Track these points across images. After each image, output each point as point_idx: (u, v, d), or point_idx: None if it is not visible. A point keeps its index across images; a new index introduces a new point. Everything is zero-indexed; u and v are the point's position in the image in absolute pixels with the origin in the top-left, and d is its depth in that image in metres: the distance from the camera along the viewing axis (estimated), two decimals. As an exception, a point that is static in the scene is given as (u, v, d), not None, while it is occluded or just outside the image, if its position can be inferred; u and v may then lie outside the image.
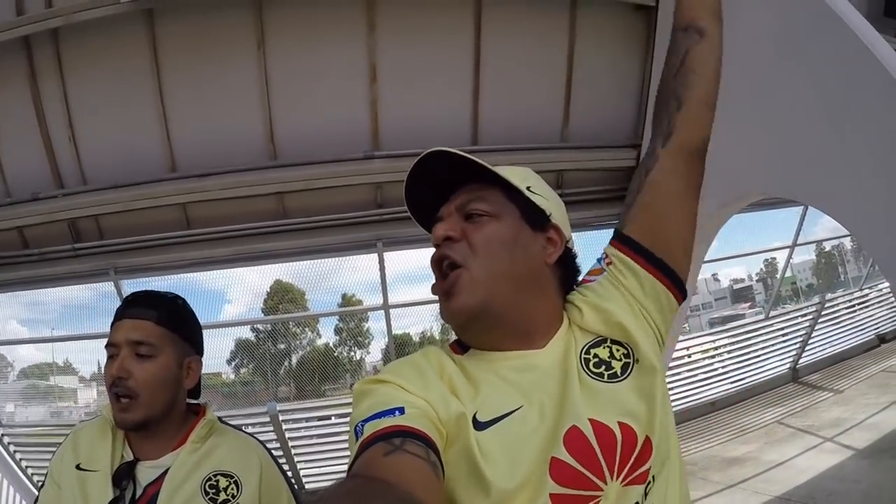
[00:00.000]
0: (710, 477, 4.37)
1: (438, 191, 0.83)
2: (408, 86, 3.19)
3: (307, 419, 4.11)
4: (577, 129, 3.38)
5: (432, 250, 0.81)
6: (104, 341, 1.11)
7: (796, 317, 6.46)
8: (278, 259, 3.50)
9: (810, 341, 6.44)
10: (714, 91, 0.89)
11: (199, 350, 1.21)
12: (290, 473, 1.23)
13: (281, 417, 3.92)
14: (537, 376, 0.72)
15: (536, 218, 0.80)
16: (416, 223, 0.88)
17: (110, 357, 1.08)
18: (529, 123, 3.31)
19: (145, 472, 1.07)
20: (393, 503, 0.42)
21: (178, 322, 1.15)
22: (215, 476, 1.09)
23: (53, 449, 1.11)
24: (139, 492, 1.04)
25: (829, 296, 6.74)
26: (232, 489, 1.08)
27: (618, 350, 0.75)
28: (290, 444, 4.12)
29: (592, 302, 0.79)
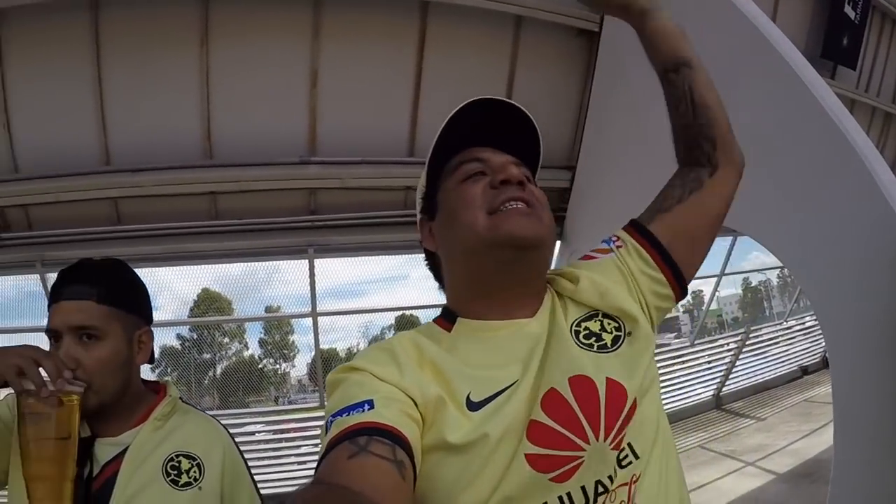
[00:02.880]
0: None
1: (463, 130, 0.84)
2: (348, 94, 3.19)
3: (231, 426, 4.09)
4: (515, 147, 3.44)
5: (362, 260, 0.86)
6: (26, 337, 1.05)
7: (721, 345, 6.65)
8: (209, 260, 3.48)
9: (734, 370, 6.67)
10: (725, 112, 0.94)
11: (147, 318, 1.12)
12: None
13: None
14: (529, 345, 0.72)
15: None
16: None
17: (54, 342, 1.00)
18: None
19: (103, 450, 1.01)
20: None
21: (121, 295, 1.05)
22: (177, 457, 1.03)
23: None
24: (96, 469, 0.99)
25: (753, 327, 6.94)
26: (194, 472, 1.03)
27: (609, 324, 0.77)
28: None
29: (589, 276, 0.82)
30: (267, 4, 3.04)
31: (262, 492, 1.16)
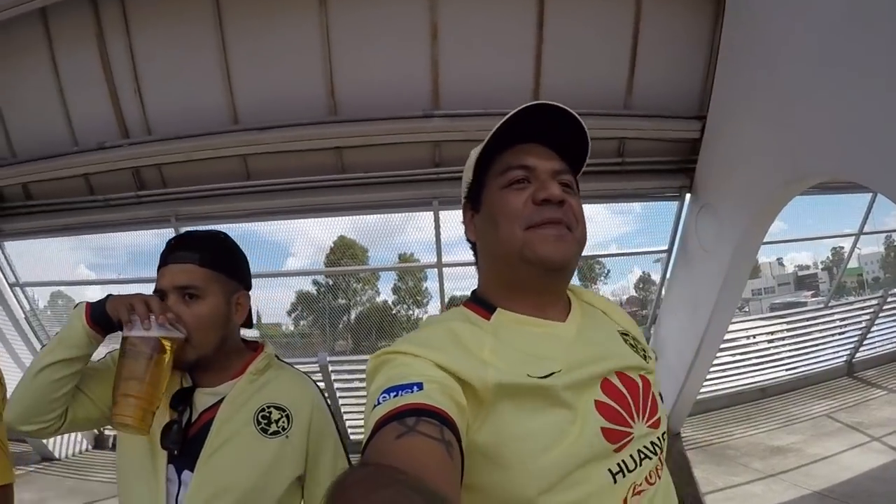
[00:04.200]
0: (751, 464, 4.27)
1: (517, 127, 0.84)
2: (469, 46, 3.15)
3: (354, 372, 4.17)
4: (642, 97, 3.29)
5: None
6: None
7: (857, 309, 6.20)
8: (334, 213, 3.53)
9: (869, 336, 6.19)
10: None
11: (246, 284, 1.20)
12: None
13: (331, 368, 4.00)
14: (567, 345, 0.77)
15: None
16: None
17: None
18: (592, 88, 3.24)
19: (202, 398, 1.09)
20: (402, 491, 0.42)
21: (221, 261, 1.13)
22: (268, 408, 1.11)
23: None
24: (195, 416, 1.07)
25: (893, 290, 6.43)
26: (283, 422, 1.10)
27: (638, 346, 0.86)
28: (338, 394, 4.19)
29: (620, 313, 0.93)
30: (385, -40, 3.04)
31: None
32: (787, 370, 5.78)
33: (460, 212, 0.96)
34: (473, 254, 0.92)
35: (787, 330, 5.85)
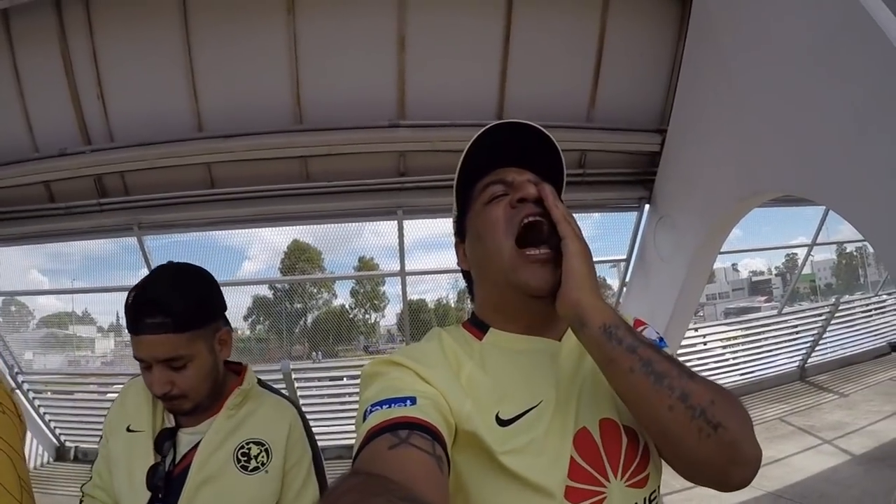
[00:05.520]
0: (708, 466, 4.40)
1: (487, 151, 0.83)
2: (436, 57, 3.19)
3: (319, 378, 4.16)
4: (604, 111, 3.37)
5: (450, 221, 0.88)
6: (123, 294, 1.06)
7: (810, 315, 6.43)
8: (300, 221, 3.53)
9: (821, 342, 6.43)
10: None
11: (223, 317, 1.16)
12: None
13: (294, 376, 3.98)
14: (558, 368, 0.75)
15: None
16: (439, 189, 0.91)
17: (144, 367, 1.06)
18: (556, 101, 3.31)
19: (185, 439, 1.09)
20: (393, 500, 0.42)
21: (195, 315, 1.06)
22: (248, 444, 1.10)
23: (70, 397, 1.12)
24: (178, 457, 1.07)
25: (844, 298, 6.68)
26: (262, 457, 1.09)
27: None
28: (302, 402, 4.14)
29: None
30: (352, -30, 3.05)
31: (345, 441, 1.18)
32: (741, 375, 5.96)
33: (424, 220, 0.94)
34: (467, 284, 0.90)
35: (742, 335, 6.03)
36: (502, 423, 0.68)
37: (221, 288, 1.18)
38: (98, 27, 3.20)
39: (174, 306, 1.03)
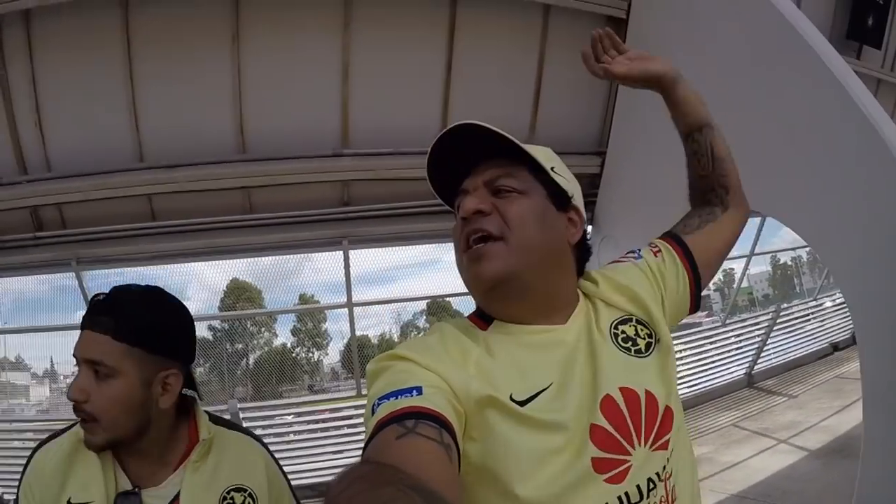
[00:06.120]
0: (667, 477, 4.49)
1: (455, 165, 0.84)
2: (379, 86, 3.20)
3: (264, 418, 4.10)
4: (544, 135, 3.44)
5: (398, 250, 0.86)
6: (59, 335, 1.02)
7: (752, 325, 6.69)
8: (244, 254, 3.49)
9: (765, 348, 6.72)
10: (735, 164, 1.05)
11: (180, 358, 1.02)
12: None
13: (242, 415, 3.91)
14: (565, 352, 0.75)
15: (560, 198, 0.84)
16: (380, 222, 0.92)
17: (76, 366, 0.96)
18: (498, 126, 3.34)
19: (152, 503, 0.97)
20: (402, 489, 0.42)
21: (142, 333, 0.95)
22: (230, 493, 1.01)
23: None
24: None
25: (784, 305, 6.97)
26: (248, 503, 1.02)
27: (642, 329, 0.80)
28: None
29: (618, 280, 0.85)
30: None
31: (302, 481, 1.16)
32: (690, 387, 6.14)
33: (369, 250, 0.94)
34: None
35: (687, 350, 6.21)
36: (517, 403, 0.68)
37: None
38: (38, 51, 3.09)
39: (126, 313, 0.96)
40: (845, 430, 4.83)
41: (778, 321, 6.47)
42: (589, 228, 3.42)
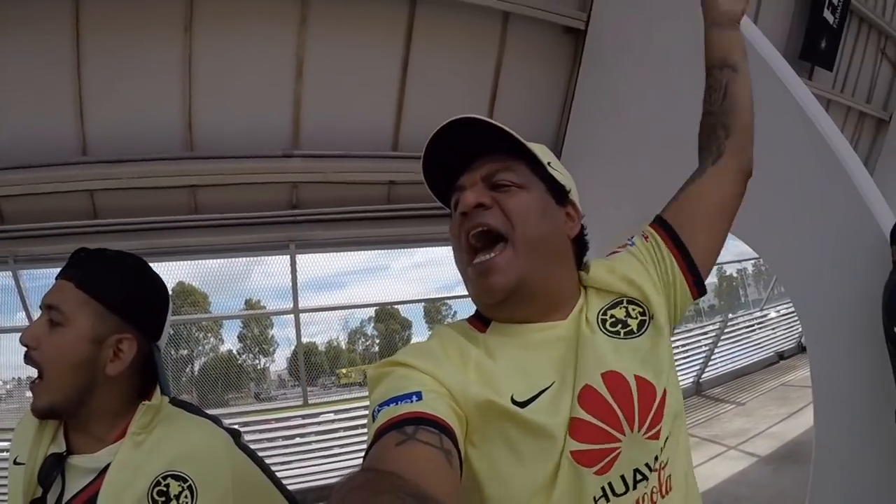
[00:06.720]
0: (617, 483, 4.57)
1: (448, 163, 0.80)
2: (334, 85, 3.16)
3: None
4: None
5: (347, 255, 0.82)
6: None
7: (699, 335, 6.86)
8: (188, 256, 3.40)
9: (713, 357, 6.90)
10: (751, 118, 0.98)
11: (142, 327, 0.94)
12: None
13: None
14: (565, 348, 0.74)
15: (558, 193, 0.82)
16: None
17: None
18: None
19: (78, 470, 0.86)
20: (402, 497, 0.42)
21: (104, 285, 0.90)
22: (165, 479, 0.85)
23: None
24: (75, 490, 0.84)
25: (730, 316, 7.17)
26: (185, 498, 0.85)
27: (634, 309, 0.79)
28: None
29: (610, 264, 0.84)
30: (254, -8, 2.96)
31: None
32: None
33: (317, 255, 0.90)
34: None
35: None
36: (518, 404, 0.67)
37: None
38: (-21, 36, 2.96)
39: (96, 266, 0.92)
40: (793, 436, 4.95)
41: (725, 331, 6.65)
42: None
